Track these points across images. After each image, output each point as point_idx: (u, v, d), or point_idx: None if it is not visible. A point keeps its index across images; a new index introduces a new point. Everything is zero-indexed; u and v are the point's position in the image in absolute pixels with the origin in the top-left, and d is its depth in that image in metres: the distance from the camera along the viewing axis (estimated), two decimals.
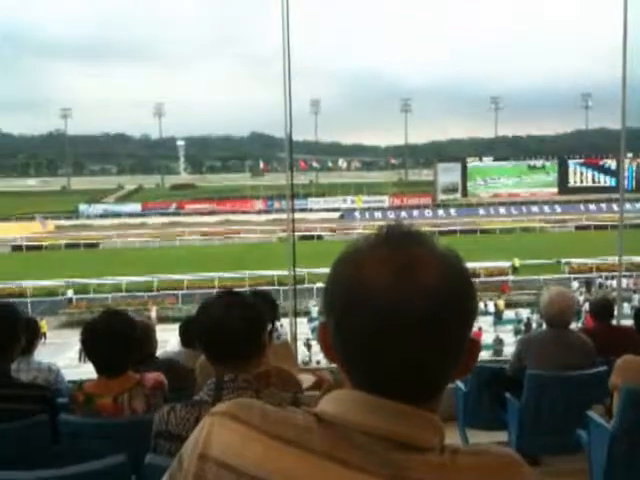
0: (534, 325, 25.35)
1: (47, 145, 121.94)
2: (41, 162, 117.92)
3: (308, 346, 21.39)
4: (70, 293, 34.18)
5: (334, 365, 0.94)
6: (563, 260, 38.42)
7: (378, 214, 64.76)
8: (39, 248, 52.26)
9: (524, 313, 29.21)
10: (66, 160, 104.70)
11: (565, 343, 4.23)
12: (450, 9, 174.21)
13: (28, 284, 34.35)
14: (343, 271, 0.90)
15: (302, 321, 22.29)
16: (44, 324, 24.99)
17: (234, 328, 2.02)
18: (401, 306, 0.84)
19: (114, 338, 2.79)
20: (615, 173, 67.11)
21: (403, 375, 0.87)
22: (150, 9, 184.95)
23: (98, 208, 72.95)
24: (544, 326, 4.62)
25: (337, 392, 0.92)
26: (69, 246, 52.68)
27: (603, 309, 5.14)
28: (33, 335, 4.03)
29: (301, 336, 10.73)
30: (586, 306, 22.48)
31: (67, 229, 62.43)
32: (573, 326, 4.83)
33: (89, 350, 2.82)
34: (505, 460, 0.90)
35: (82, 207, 72.30)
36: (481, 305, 30.56)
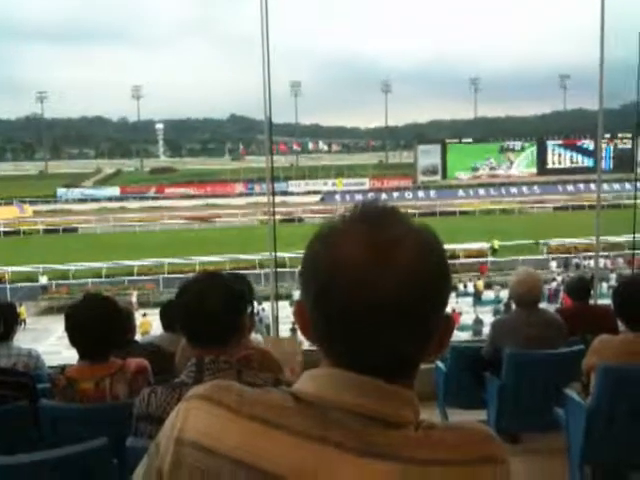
0: (514, 306, 25.45)
1: (24, 129, 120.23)
2: (17, 146, 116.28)
3: (293, 330, 21.25)
4: (46, 279, 33.74)
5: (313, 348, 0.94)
6: (542, 241, 38.71)
7: (359, 197, 64.76)
8: (17, 233, 51.67)
9: (503, 294, 29.42)
10: (43, 144, 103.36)
11: (536, 322, 4.30)
12: None
13: (6, 270, 33.94)
14: (320, 249, 0.89)
15: (284, 304, 22.22)
16: (23, 310, 24.77)
17: (213, 309, 2.00)
18: (379, 285, 0.84)
19: (99, 322, 2.76)
20: (593, 154, 67.59)
21: (380, 353, 0.88)
22: None
23: (76, 192, 72.05)
24: (513, 307, 4.70)
25: (314, 370, 0.92)
26: (48, 231, 52.14)
27: (580, 289, 5.21)
28: (12, 320, 4.01)
29: (285, 319, 10.72)
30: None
31: (45, 214, 61.66)
32: (551, 306, 4.91)
33: (73, 334, 2.79)
34: (478, 435, 0.92)
35: (60, 191, 71.42)
36: (461, 286, 30.76)
